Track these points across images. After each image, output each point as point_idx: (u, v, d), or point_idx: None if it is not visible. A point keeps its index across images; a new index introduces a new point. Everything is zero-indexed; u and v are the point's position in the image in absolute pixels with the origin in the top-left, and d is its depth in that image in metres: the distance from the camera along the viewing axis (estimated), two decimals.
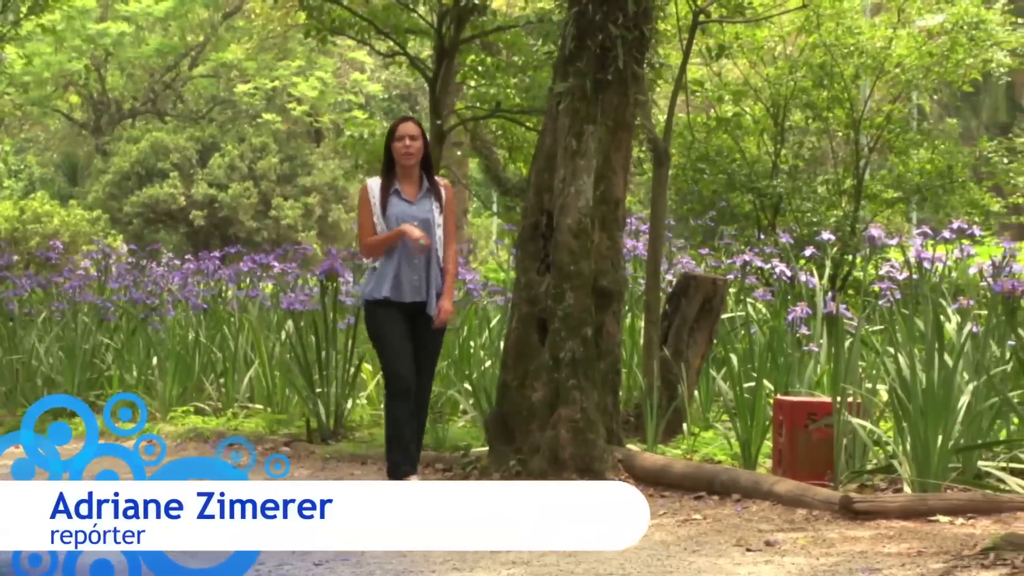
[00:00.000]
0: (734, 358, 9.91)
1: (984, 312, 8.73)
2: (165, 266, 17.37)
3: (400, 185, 8.30)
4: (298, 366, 11.35)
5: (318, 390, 11.15)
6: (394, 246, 8.25)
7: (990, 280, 8.98)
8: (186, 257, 17.64)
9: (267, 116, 35.61)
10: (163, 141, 34.72)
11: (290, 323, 12.19)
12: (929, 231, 10.08)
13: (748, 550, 6.49)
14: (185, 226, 34.56)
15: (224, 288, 14.78)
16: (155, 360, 13.59)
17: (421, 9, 15.69)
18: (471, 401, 10.77)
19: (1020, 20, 16.45)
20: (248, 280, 14.90)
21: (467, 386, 10.93)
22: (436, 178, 8.43)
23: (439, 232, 8.30)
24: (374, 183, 8.34)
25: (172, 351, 13.24)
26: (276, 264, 14.98)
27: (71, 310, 14.21)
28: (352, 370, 11.38)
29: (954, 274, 10.61)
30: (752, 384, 9.20)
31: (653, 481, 8.43)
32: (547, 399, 8.72)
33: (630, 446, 9.09)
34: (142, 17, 34.71)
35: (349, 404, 11.41)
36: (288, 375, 12.21)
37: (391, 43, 16.55)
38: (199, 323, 13.75)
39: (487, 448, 9.09)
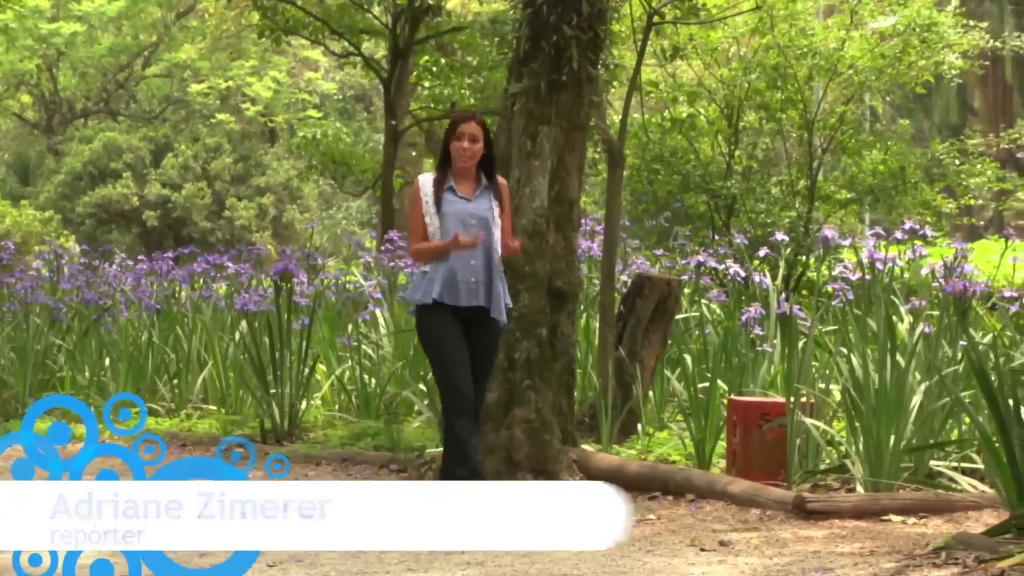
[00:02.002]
0: (688, 358, 9.93)
1: (936, 312, 8.78)
2: (118, 266, 17.25)
3: (455, 181, 7.54)
4: (252, 367, 11.31)
5: (272, 391, 11.11)
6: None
7: (942, 281, 9.04)
8: (139, 258, 17.52)
9: (221, 116, 35.44)
10: (116, 141, 34.50)
11: (244, 324, 12.13)
12: (882, 232, 10.13)
13: (702, 550, 6.51)
14: (138, 226, 34.36)
15: (177, 289, 14.70)
16: (108, 361, 13.52)
17: (376, 10, 15.67)
18: (426, 402, 10.76)
19: (971, 23, 16.57)
20: (202, 281, 14.83)
21: (422, 387, 10.92)
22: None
23: (497, 233, 7.51)
24: (426, 179, 7.59)
25: (125, 352, 13.17)
26: (230, 265, 14.92)
27: (23, 311, 14.10)
28: (306, 371, 11.35)
29: (906, 275, 10.67)
30: (706, 384, 9.22)
31: (608, 481, 8.42)
32: (502, 400, 8.72)
33: (585, 446, 9.10)
34: (95, 16, 34.46)
35: (303, 405, 11.38)
36: (242, 376, 12.16)
37: (346, 43, 16.54)
38: (152, 324, 13.68)
39: (442, 449, 9.07)
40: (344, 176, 18.16)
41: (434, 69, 16.26)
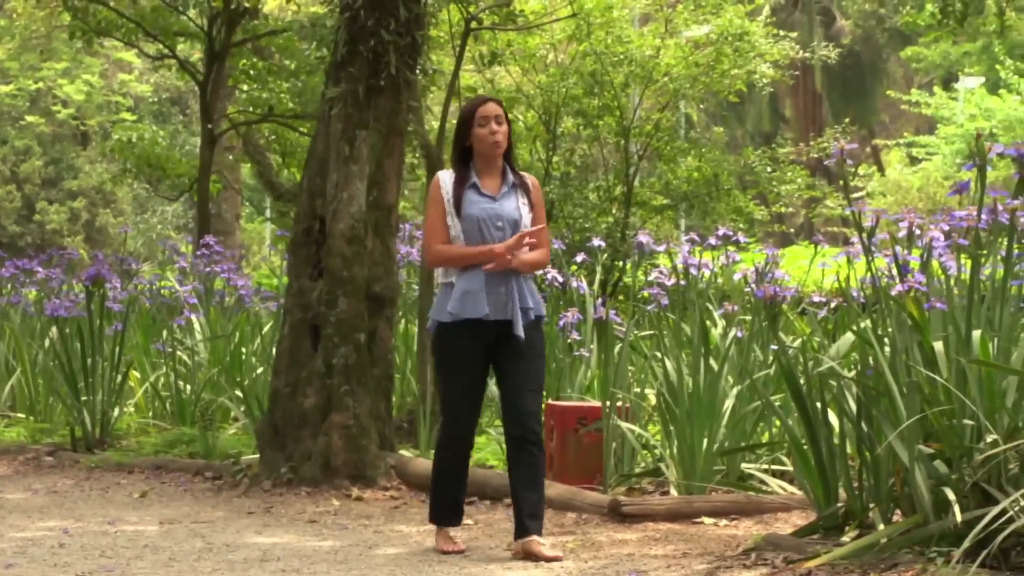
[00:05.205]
0: None
1: (748, 317, 8.94)
2: None
3: (479, 177, 6.72)
4: (62, 374, 11.07)
5: (83, 398, 10.88)
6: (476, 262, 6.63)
7: (754, 286, 9.20)
8: None
9: (31, 118, 34.65)
10: None
11: (54, 330, 11.87)
12: (696, 238, 10.28)
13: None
14: None
15: None
16: None
17: (191, 12, 15.45)
18: (242, 408, 10.64)
19: (782, 32, 16.95)
20: (10, 286, 14.46)
21: (238, 393, 10.79)
22: (522, 172, 6.91)
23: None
24: (447, 176, 6.76)
25: None
26: (40, 270, 14.55)
27: None
28: (119, 378, 11.14)
29: (720, 280, 10.84)
30: None
31: (426, 487, 8.42)
32: (319, 405, 8.68)
33: (403, 452, 9.09)
34: None
35: (116, 412, 11.17)
36: (52, 383, 11.91)
37: (160, 46, 16.28)
38: None
39: (258, 455, 8.99)
40: (159, 180, 17.88)
41: (251, 72, 16.09)
